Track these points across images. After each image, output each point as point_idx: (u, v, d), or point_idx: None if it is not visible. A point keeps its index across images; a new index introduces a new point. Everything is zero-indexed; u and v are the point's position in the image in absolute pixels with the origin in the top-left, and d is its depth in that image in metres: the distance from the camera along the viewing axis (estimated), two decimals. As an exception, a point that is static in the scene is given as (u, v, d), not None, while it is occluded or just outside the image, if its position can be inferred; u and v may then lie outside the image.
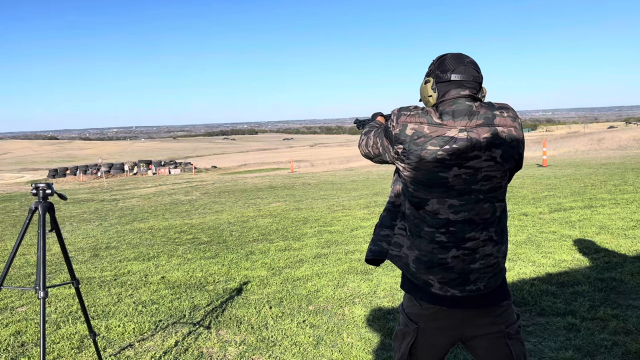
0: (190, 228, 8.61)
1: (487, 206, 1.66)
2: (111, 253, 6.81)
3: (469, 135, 1.61)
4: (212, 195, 14.84)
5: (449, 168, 1.62)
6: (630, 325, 3.23)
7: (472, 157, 1.62)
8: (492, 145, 1.62)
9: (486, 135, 1.62)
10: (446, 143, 1.62)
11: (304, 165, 37.25)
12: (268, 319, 3.84)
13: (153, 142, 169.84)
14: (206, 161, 62.31)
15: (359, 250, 5.95)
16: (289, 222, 8.48)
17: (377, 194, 12.00)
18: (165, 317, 4.03)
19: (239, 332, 3.63)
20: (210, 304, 4.31)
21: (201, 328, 3.75)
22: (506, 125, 1.65)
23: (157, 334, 3.68)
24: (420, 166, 1.65)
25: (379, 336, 3.38)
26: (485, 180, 1.63)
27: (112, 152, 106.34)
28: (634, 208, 7.24)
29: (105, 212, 12.01)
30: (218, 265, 5.68)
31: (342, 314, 3.85)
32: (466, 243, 1.65)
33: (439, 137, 1.63)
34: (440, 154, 1.62)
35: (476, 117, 1.64)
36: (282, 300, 4.28)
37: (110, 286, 5.04)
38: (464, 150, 1.61)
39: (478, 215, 1.65)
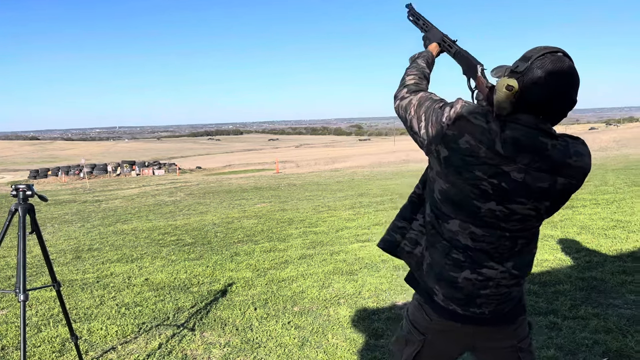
0: (174, 229, 8.55)
1: (507, 244, 1.48)
2: (94, 255, 6.73)
3: (524, 178, 1.38)
4: (197, 196, 14.74)
5: (486, 200, 1.42)
6: (610, 324, 3.28)
7: (516, 201, 1.41)
8: (544, 197, 1.41)
9: (542, 185, 1.39)
10: (496, 176, 1.39)
11: (289, 166, 37.21)
12: (253, 321, 3.82)
13: (137, 142, 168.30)
14: (190, 162, 61.91)
15: (344, 251, 5.96)
16: (274, 223, 8.46)
17: (362, 195, 12.03)
18: (149, 320, 3.99)
19: (224, 333, 3.61)
20: (194, 305, 4.28)
21: (185, 330, 3.72)
22: (571, 176, 1.40)
23: (141, 337, 3.64)
24: (457, 185, 1.43)
25: (364, 337, 3.38)
26: (519, 222, 1.45)
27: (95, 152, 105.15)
28: (614, 208, 7.37)
29: (88, 214, 11.86)
30: (202, 266, 5.65)
31: (327, 315, 3.85)
32: (482, 269, 1.49)
33: (492, 166, 1.38)
34: (484, 185, 1.40)
35: (543, 160, 1.37)
36: (267, 301, 4.27)
37: (93, 288, 4.97)
38: (511, 192, 1.40)
39: (497, 249, 1.48)
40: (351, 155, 48.11)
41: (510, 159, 1.37)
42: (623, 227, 6.09)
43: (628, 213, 6.94)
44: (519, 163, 1.37)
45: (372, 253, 5.74)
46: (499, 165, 1.38)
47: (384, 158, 36.87)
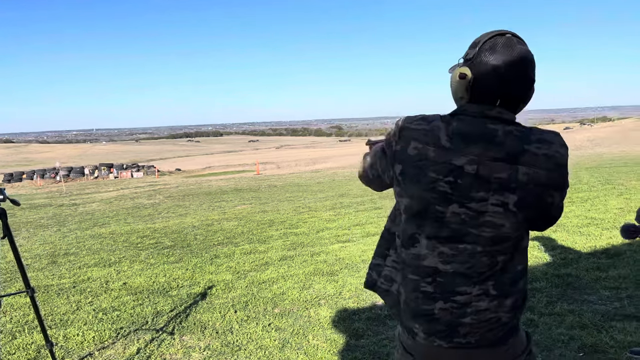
0: (153, 232, 8.45)
1: (484, 260, 1.34)
2: (70, 259, 6.61)
3: (478, 169, 1.29)
4: (176, 199, 14.60)
5: (448, 203, 1.32)
6: (585, 320, 3.35)
7: (476, 198, 1.30)
8: (506, 188, 1.28)
9: (500, 175, 1.28)
10: (450, 173, 1.31)
11: (269, 167, 37.11)
12: (233, 323, 3.80)
13: (115, 144, 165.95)
14: (170, 164, 61.28)
15: (324, 252, 5.96)
16: (254, 225, 8.42)
17: (342, 196, 12.06)
18: (127, 324, 3.93)
19: (203, 337, 3.58)
20: (173, 309, 4.23)
21: (164, 334, 3.68)
22: (535, 165, 1.28)
23: (118, 342, 3.59)
24: (417, 194, 1.36)
25: (344, 337, 3.39)
26: (488, 227, 1.31)
27: (72, 155, 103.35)
28: (588, 206, 7.52)
29: (64, 217, 11.64)
30: (182, 269, 5.59)
31: (307, 316, 3.85)
32: (455, 296, 1.37)
33: (443, 163, 1.31)
34: (442, 186, 1.32)
35: (496, 148, 1.29)
36: (247, 303, 4.24)
37: (69, 294, 4.89)
38: (467, 187, 1.30)
39: (472, 269, 1.35)
40: (332, 156, 48.20)
41: (459, 151, 1.30)
42: (597, 224, 6.22)
43: (602, 211, 7.10)
44: (469, 155, 1.29)
45: (353, 253, 5.76)
46: (450, 161, 1.31)
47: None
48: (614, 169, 13.43)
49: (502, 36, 1.32)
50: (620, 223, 6.11)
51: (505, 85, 1.31)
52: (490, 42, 1.32)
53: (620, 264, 4.45)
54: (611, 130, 45.76)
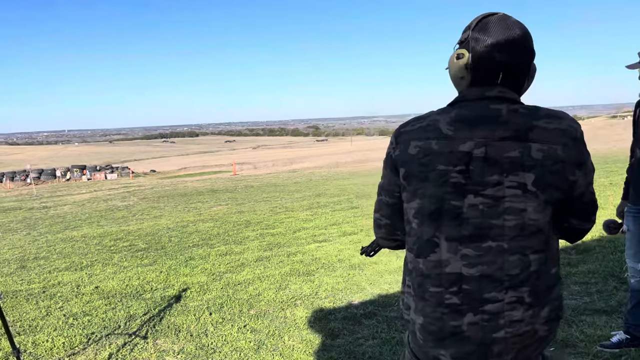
0: (126, 235, 8.31)
1: (514, 259, 1.21)
2: (40, 264, 6.45)
3: (487, 151, 1.21)
4: (151, 200, 14.40)
5: (463, 195, 1.22)
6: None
7: (491, 182, 1.20)
8: (521, 167, 1.19)
9: (511, 154, 1.19)
10: (459, 162, 1.22)
11: (246, 168, 36.91)
12: (208, 326, 3.75)
13: (87, 146, 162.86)
14: (144, 165, 60.38)
15: (301, 252, 5.94)
16: (230, 226, 8.36)
17: (319, 195, 12.07)
18: (99, 329, 3.85)
19: (178, 340, 3.53)
20: (147, 312, 4.16)
21: (137, 338, 3.62)
22: (548, 141, 1.20)
23: (90, 347, 3.51)
24: (428, 192, 1.26)
25: (320, 337, 3.38)
26: (510, 214, 1.20)
27: (43, 157, 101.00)
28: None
29: (35, 221, 11.36)
30: (156, 272, 5.50)
31: (283, 317, 3.83)
32: (485, 305, 1.22)
33: (450, 153, 1.23)
34: (454, 177, 1.23)
35: (502, 127, 1.21)
36: (223, 305, 4.20)
37: (39, 299, 4.76)
38: (480, 173, 1.21)
39: (501, 270, 1.22)
40: (309, 156, 48.23)
41: (464, 137, 1.23)
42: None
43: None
44: (475, 138, 1.22)
45: (329, 253, 5.76)
46: (457, 149, 1.23)
47: (341, 158, 37.14)
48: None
49: (493, 15, 1.28)
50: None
51: (504, 55, 1.25)
52: (483, 22, 1.27)
53: (589, 259, 4.55)
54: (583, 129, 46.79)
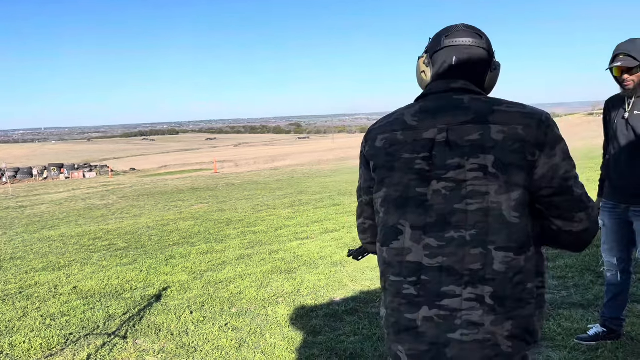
0: (106, 234, 8.19)
1: (475, 252, 1.17)
2: (16, 264, 6.32)
3: (448, 136, 1.23)
4: (130, 199, 14.22)
5: (427, 182, 1.23)
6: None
7: (452, 165, 1.21)
8: (481, 149, 1.19)
9: (471, 137, 1.20)
10: (423, 149, 1.25)
11: (227, 166, 36.68)
12: (189, 325, 3.72)
13: (65, 144, 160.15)
14: (124, 163, 59.59)
15: (282, 250, 5.93)
16: (211, 224, 8.30)
17: (301, 193, 12.06)
18: (77, 330, 3.79)
19: (158, 339, 3.49)
20: (127, 312, 4.11)
21: (117, 338, 3.57)
22: (509, 123, 1.20)
23: (68, 348, 3.45)
24: (394, 181, 1.28)
25: (302, 334, 3.38)
26: (472, 197, 1.18)
27: (19, 155, 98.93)
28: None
29: (10, 221, 11.13)
30: (136, 271, 5.44)
31: (265, 315, 3.82)
32: (442, 300, 1.18)
33: (415, 141, 1.26)
34: (419, 164, 1.24)
35: (463, 113, 1.24)
36: (204, 304, 4.17)
37: (15, 300, 4.67)
38: (443, 157, 1.22)
39: (461, 263, 1.18)
40: (290, 154, 48.14)
41: (428, 126, 1.26)
42: (546, 216, 6.46)
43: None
44: (437, 125, 1.25)
45: (311, 250, 5.75)
46: (421, 137, 1.26)
47: (323, 156, 37.15)
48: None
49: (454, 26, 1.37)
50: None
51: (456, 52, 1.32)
52: (441, 30, 1.38)
53: (566, 254, 4.62)
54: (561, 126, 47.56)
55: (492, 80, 1.37)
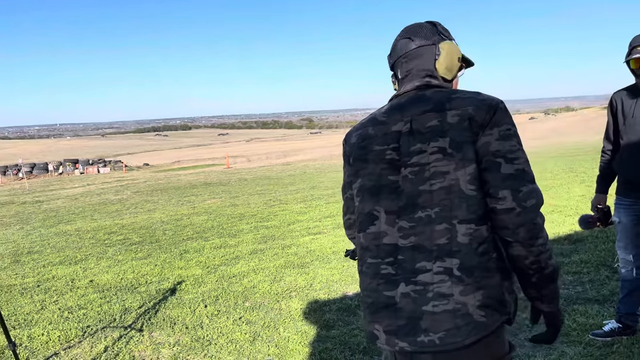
0: (120, 228, 8.29)
1: (441, 228, 1.26)
2: (34, 258, 6.43)
3: (411, 125, 1.34)
4: (144, 194, 14.35)
5: (398, 170, 1.34)
6: (549, 304, 3.44)
7: (415, 151, 1.31)
8: (439, 134, 1.29)
9: (431, 124, 1.31)
10: (392, 140, 1.36)
11: (240, 161, 36.79)
12: (203, 318, 3.76)
13: (80, 139, 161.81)
14: (137, 159, 60.05)
15: (295, 245, 5.96)
16: (224, 219, 8.35)
17: (314, 188, 12.07)
18: (94, 322, 3.85)
19: (173, 333, 3.54)
20: (142, 305, 4.17)
21: (133, 331, 3.62)
22: (462, 106, 1.30)
23: (85, 340, 3.51)
24: (368, 171, 1.40)
25: (315, 328, 3.40)
26: (435, 178, 1.28)
27: (35, 151, 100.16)
28: (552, 194, 7.72)
29: (27, 215, 11.30)
30: (150, 265, 5.50)
31: (278, 309, 3.84)
32: (417, 276, 1.27)
33: (385, 135, 1.38)
34: (389, 154, 1.36)
35: (425, 104, 1.35)
36: (218, 298, 4.21)
37: (33, 293, 4.75)
38: (407, 145, 1.33)
39: (430, 240, 1.27)
40: (302, 149, 48.16)
41: (396, 119, 1.38)
42: (560, 211, 6.40)
43: (564, 198, 7.30)
44: (404, 118, 1.37)
45: (323, 245, 5.77)
46: (390, 130, 1.38)
47: (335, 150, 37.04)
48: (577, 158, 13.83)
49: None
50: (583, 210, 6.29)
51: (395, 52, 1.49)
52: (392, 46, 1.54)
53: (582, 249, 4.59)
54: (573, 120, 47.05)
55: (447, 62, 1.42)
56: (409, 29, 1.47)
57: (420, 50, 1.44)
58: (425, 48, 1.43)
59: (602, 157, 2.92)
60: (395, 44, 1.49)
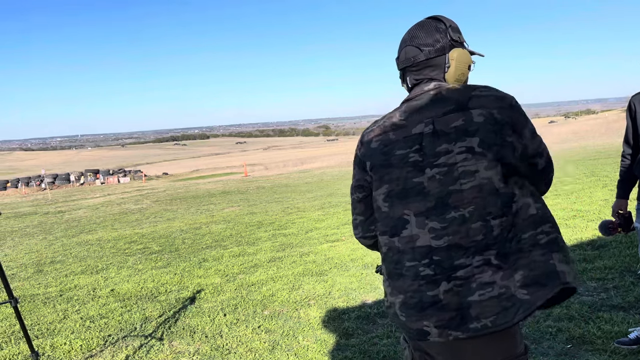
0: (140, 238, 8.38)
1: (476, 226, 1.31)
2: (56, 268, 6.53)
3: (434, 126, 1.36)
4: (164, 203, 14.50)
5: (422, 171, 1.37)
6: (573, 312, 3.37)
7: (442, 152, 1.34)
8: (465, 133, 1.33)
9: (456, 124, 1.34)
10: (414, 142, 1.39)
11: (257, 169, 36.98)
12: (222, 327, 3.77)
13: (100, 150, 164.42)
14: (157, 168, 60.80)
15: (313, 252, 5.95)
16: (243, 227, 8.39)
17: (331, 195, 12.06)
18: (115, 331, 3.89)
19: (193, 341, 3.55)
20: (162, 314, 4.20)
21: (153, 340, 3.65)
22: (486, 106, 1.35)
23: (107, 350, 3.55)
24: (393, 176, 1.42)
25: (334, 337, 3.38)
26: (464, 177, 1.32)
27: (57, 162, 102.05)
28: (574, 198, 7.60)
29: (50, 225, 11.50)
30: (170, 274, 5.55)
31: (297, 317, 3.84)
32: (457, 272, 1.33)
33: (406, 138, 1.41)
34: (412, 157, 1.39)
35: (445, 104, 1.38)
36: (237, 306, 4.22)
37: (56, 302, 4.82)
38: (432, 146, 1.36)
39: (466, 238, 1.32)
40: (319, 156, 48.21)
41: (415, 121, 1.41)
42: (582, 216, 6.28)
43: (587, 202, 7.17)
44: (424, 120, 1.40)
45: (342, 253, 5.75)
46: (410, 134, 1.41)
47: (351, 158, 37.00)
48: (599, 161, 13.60)
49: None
50: (605, 215, 6.17)
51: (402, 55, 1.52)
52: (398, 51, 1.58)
53: (605, 255, 4.50)
54: (594, 123, 46.31)
55: (457, 73, 1.47)
56: (416, 35, 1.49)
57: (430, 62, 1.47)
58: (434, 60, 1.46)
59: (622, 162, 2.87)
60: (403, 50, 1.52)
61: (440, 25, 1.48)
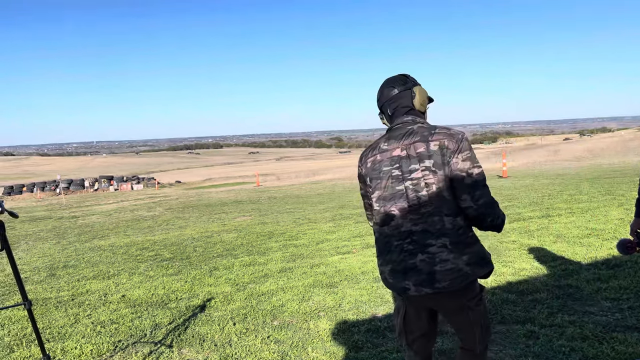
0: (152, 244, 8.42)
1: (436, 219, 2.00)
2: (69, 272, 6.58)
3: (408, 151, 2.05)
4: (176, 211, 14.58)
5: (402, 181, 2.06)
6: (586, 331, 3.32)
7: (412, 170, 2.03)
8: (425, 157, 2.01)
9: (420, 150, 2.02)
10: (395, 162, 2.08)
11: (270, 179, 37.08)
12: (232, 336, 3.77)
13: (115, 157, 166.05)
14: (170, 176, 61.21)
15: (324, 264, 5.94)
16: (254, 237, 8.40)
17: (343, 207, 12.04)
18: (125, 337, 3.91)
19: (202, 350, 3.56)
20: (172, 322, 4.21)
21: (163, 347, 3.66)
22: (439, 139, 2.01)
23: (117, 355, 3.56)
24: (383, 185, 2.10)
25: (344, 350, 3.36)
26: (426, 187, 2.00)
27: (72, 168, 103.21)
28: (589, 217, 7.51)
29: (64, 230, 11.62)
30: (181, 282, 5.57)
31: (307, 329, 3.82)
32: (428, 248, 2.01)
33: (389, 159, 2.09)
34: (395, 172, 2.07)
35: (414, 136, 2.05)
36: (247, 316, 4.22)
37: (67, 306, 4.86)
38: (406, 164, 2.05)
39: (432, 226, 2.01)
40: (332, 167, 48.22)
41: (395, 147, 2.09)
42: (597, 235, 6.20)
43: (602, 221, 7.08)
44: (401, 146, 2.08)
45: (352, 265, 5.73)
46: (392, 155, 2.09)
47: (364, 170, 36.82)
48: (614, 180, 13.42)
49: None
50: (621, 234, 6.09)
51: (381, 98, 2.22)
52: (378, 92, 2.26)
53: (620, 274, 4.43)
54: (610, 141, 45.85)
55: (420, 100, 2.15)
56: (391, 80, 2.19)
57: (401, 94, 2.15)
58: (404, 92, 2.15)
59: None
60: (382, 92, 2.20)
61: (407, 76, 2.18)
